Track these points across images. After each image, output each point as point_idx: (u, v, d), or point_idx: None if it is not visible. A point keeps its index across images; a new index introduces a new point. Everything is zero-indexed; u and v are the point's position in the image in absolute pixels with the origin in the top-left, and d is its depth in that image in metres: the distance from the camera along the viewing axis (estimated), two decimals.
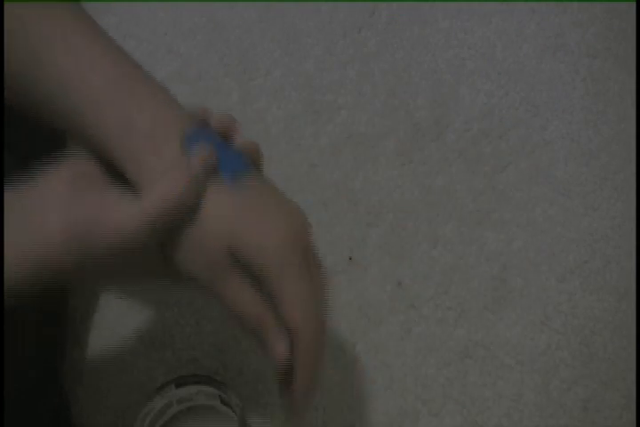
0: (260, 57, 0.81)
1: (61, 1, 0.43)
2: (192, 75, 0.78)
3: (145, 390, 0.67)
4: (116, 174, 0.41)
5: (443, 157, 0.76)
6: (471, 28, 0.83)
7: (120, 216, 0.37)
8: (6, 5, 0.40)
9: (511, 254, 0.71)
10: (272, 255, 0.39)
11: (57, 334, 0.66)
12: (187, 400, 0.59)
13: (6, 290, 0.35)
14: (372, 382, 0.66)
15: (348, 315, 0.69)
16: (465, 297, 0.69)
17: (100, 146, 0.39)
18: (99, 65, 0.40)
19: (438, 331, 0.68)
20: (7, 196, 0.37)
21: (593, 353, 0.67)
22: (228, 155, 0.42)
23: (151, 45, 0.80)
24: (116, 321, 0.70)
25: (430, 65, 0.81)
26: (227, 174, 0.41)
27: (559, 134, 0.77)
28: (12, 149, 0.51)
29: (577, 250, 0.71)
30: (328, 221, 0.73)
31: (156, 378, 0.67)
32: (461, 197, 0.74)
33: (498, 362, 0.66)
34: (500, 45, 0.82)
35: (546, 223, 0.73)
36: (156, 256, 0.40)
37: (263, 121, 0.78)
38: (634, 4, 0.82)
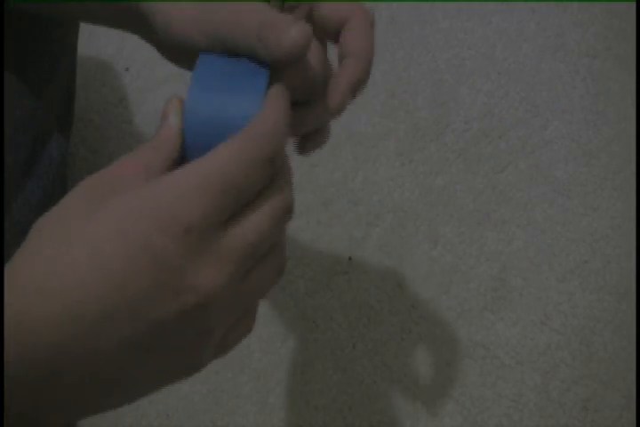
0: None
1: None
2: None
3: None
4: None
5: (443, 157, 0.76)
6: (471, 28, 0.83)
7: None
8: None
9: (511, 254, 0.71)
10: None
11: None
12: None
13: None
14: (372, 382, 0.66)
15: (348, 315, 0.69)
16: (465, 297, 0.69)
17: None
18: None
19: (438, 331, 0.68)
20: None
21: (593, 353, 0.67)
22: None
23: None
24: None
25: (430, 65, 0.81)
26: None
27: (559, 134, 0.77)
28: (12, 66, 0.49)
29: (577, 250, 0.71)
30: (328, 221, 0.73)
31: None
32: (461, 197, 0.74)
33: (498, 362, 0.66)
34: (499, 45, 0.82)
35: (546, 223, 0.73)
36: None
37: None
38: (634, 4, 0.82)
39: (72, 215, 0.26)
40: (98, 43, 0.81)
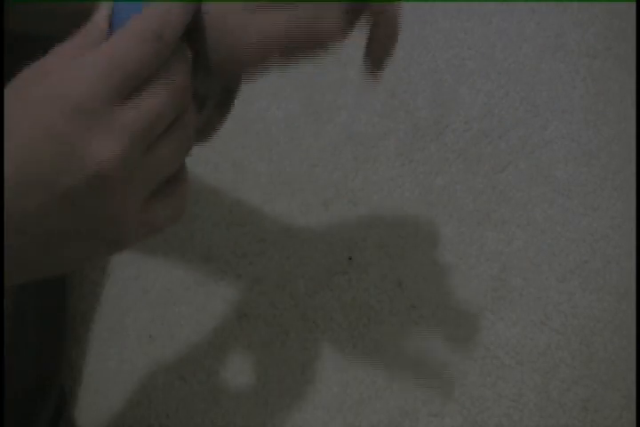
0: None
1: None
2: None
3: (145, 390, 0.67)
4: None
5: (443, 157, 0.76)
6: (471, 28, 0.83)
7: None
8: None
9: (511, 254, 0.71)
10: None
11: (57, 333, 0.66)
12: None
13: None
14: (372, 382, 0.66)
15: (348, 315, 0.69)
16: (465, 297, 0.69)
17: None
18: None
19: (438, 331, 0.68)
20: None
21: (593, 353, 0.67)
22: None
23: None
24: (116, 321, 0.70)
25: (430, 65, 0.81)
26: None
27: (559, 134, 0.77)
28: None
29: (577, 250, 0.71)
30: (328, 221, 0.73)
31: (155, 378, 0.67)
32: (461, 197, 0.74)
33: (498, 362, 0.66)
34: (499, 45, 0.82)
35: (546, 223, 0.73)
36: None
37: (263, 121, 0.78)
38: (634, 4, 0.82)
39: (7, 100, 0.30)
40: None
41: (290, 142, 0.77)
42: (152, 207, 0.32)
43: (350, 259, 0.71)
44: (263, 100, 0.79)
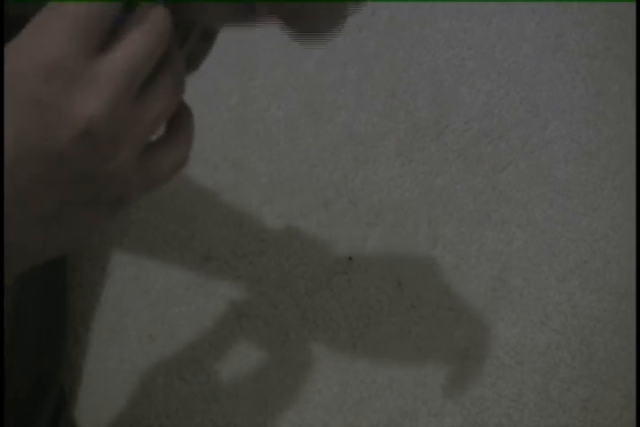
0: (260, 57, 0.81)
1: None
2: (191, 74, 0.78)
3: (145, 390, 0.67)
4: None
5: (443, 157, 0.76)
6: (471, 28, 0.83)
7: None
8: None
9: (511, 254, 0.71)
10: None
11: (57, 333, 0.66)
12: None
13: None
14: (372, 382, 0.66)
15: (348, 315, 0.69)
16: (465, 297, 0.69)
17: None
18: None
19: (438, 331, 0.68)
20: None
21: (593, 353, 0.67)
22: None
23: None
24: (115, 321, 0.70)
25: (430, 65, 0.81)
26: None
27: (559, 134, 0.77)
28: None
29: (577, 250, 0.71)
30: (328, 221, 0.73)
31: (155, 378, 0.67)
32: (461, 197, 0.74)
33: (498, 362, 0.66)
34: (499, 45, 0.82)
35: (546, 223, 0.73)
36: None
37: (263, 121, 0.78)
38: (634, 4, 0.82)
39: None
40: None
41: (290, 142, 0.77)
42: (152, 158, 0.31)
43: (350, 259, 0.71)
44: (263, 100, 0.79)
